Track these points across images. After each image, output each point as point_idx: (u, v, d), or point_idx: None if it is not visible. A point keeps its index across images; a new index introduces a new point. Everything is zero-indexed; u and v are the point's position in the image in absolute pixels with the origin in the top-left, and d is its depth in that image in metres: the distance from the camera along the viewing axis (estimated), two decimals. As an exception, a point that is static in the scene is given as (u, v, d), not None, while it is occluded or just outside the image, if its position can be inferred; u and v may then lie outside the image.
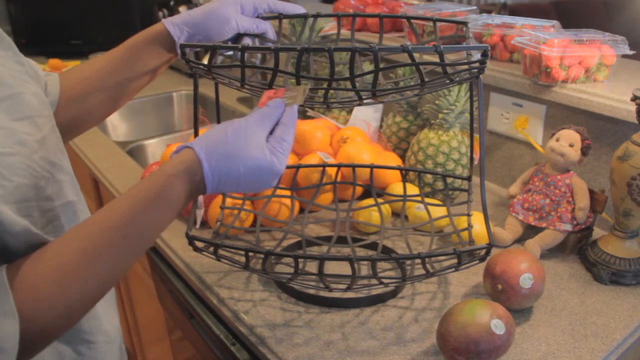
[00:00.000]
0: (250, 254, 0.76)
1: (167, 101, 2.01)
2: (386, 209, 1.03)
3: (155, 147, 1.69)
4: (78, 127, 0.77)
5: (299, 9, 0.83)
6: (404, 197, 1.02)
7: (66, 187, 0.63)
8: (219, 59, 0.79)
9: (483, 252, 0.76)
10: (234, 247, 0.78)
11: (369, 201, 1.03)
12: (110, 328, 0.71)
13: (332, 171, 1.07)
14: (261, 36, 0.82)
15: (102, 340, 0.68)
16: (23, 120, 0.56)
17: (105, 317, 0.70)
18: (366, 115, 1.31)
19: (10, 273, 0.50)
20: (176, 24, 0.75)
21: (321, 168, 1.05)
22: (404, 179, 1.04)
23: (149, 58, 0.76)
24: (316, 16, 0.88)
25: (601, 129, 1.01)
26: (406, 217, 1.04)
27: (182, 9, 2.06)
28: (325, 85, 0.70)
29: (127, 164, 1.41)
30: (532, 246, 0.93)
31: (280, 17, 0.85)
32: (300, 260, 0.76)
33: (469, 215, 0.89)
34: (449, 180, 1.07)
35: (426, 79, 0.67)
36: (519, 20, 1.18)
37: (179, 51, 0.74)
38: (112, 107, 0.79)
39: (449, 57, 1.14)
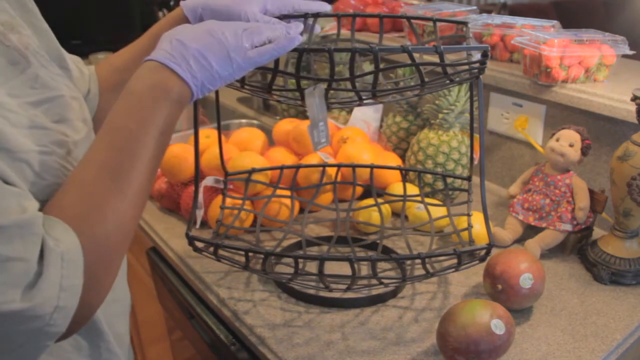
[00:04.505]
0: (250, 254, 0.76)
1: (167, 101, 2.01)
2: (386, 209, 1.03)
3: (155, 147, 1.68)
4: None
5: (324, 6, 0.80)
6: (404, 197, 1.02)
7: None
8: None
9: (483, 252, 0.76)
10: (234, 247, 0.78)
11: (369, 201, 1.03)
12: (124, 332, 0.72)
13: (332, 171, 1.07)
14: None
15: (114, 341, 0.69)
16: (61, 122, 0.57)
17: (122, 326, 0.71)
18: (366, 115, 1.31)
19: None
20: (193, 8, 0.72)
21: (321, 168, 1.05)
22: (404, 179, 1.04)
23: None
24: (316, 16, 0.87)
25: (601, 129, 1.01)
26: (406, 217, 1.04)
27: (182, 8, 2.06)
28: (325, 86, 0.70)
29: (127, 164, 1.40)
30: (532, 246, 0.93)
31: (280, 17, 0.84)
32: (300, 260, 0.76)
33: (469, 215, 0.89)
34: (449, 180, 1.07)
35: (426, 79, 0.67)
36: (519, 20, 1.18)
37: None
38: None
39: (449, 57, 1.14)
